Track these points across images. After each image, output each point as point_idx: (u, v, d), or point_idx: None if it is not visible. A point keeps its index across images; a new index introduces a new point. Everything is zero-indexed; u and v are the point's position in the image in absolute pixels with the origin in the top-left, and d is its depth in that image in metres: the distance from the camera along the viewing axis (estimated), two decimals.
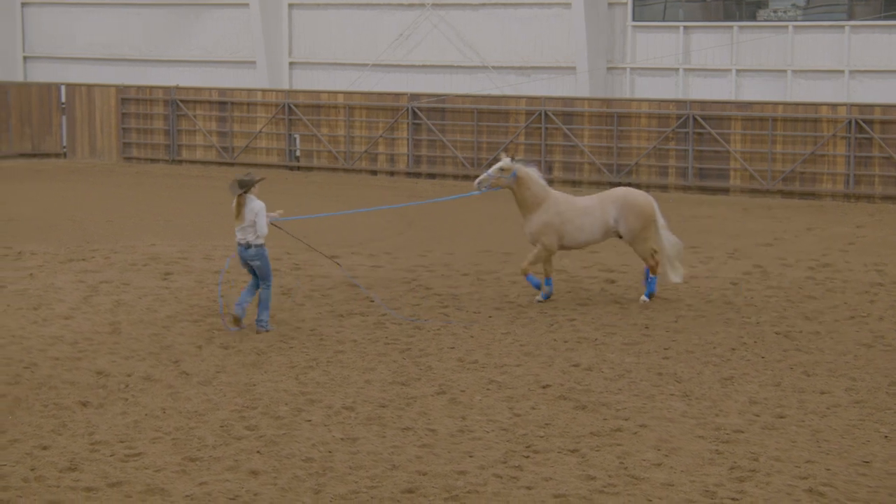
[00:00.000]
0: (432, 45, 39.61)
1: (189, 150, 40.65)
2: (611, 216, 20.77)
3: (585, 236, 20.87)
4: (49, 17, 46.03)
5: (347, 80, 40.41)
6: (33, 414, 14.55)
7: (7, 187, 35.36)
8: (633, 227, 20.71)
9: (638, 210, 20.77)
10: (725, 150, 33.65)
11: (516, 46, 38.42)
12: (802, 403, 15.18)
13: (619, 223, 20.75)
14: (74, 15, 45.56)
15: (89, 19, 45.26)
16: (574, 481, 12.50)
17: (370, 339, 18.23)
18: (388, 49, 40.08)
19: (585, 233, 20.83)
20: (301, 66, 42.05)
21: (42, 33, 46.24)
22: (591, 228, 20.79)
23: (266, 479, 12.53)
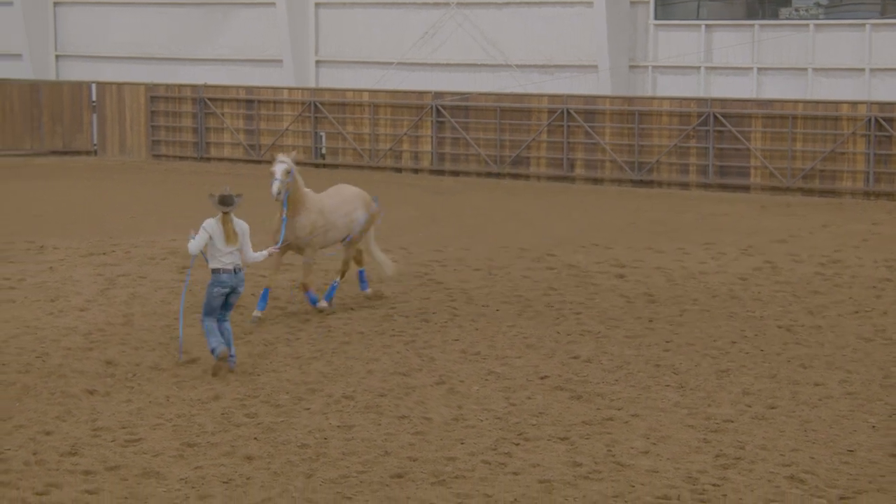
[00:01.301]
0: (457, 43, 39.90)
1: (217, 147, 41.10)
2: (359, 214, 20.25)
3: (338, 236, 19.99)
4: (81, 16, 46.59)
5: (373, 78, 40.74)
6: (40, 401, 14.93)
7: (37, 184, 35.90)
8: (365, 226, 20.28)
9: (369, 208, 20.52)
10: (746, 148, 33.78)
11: (539, 45, 38.64)
12: (795, 395, 15.39)
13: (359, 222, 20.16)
14: (106, 14, 46.09)
15: (120, 18, 45.78)
16: (560, 467, 12.77)
17: (377, 331, 18.55)
18: (413, 48, 40.39)
19: (340, 232, 19.98)
20: (327, 65, 42.42)
21: (74, 32, 46.81)
22: (345, 228, 20.01)
23: (260, 463, 12.87)
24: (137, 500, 11.85)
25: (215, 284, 16.17)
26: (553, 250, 25.07)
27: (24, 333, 18.17)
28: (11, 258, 24.03)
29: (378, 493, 12.05)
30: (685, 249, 25.25)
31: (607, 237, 26.66)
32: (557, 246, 25.57)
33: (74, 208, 30.87)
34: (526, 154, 36.52)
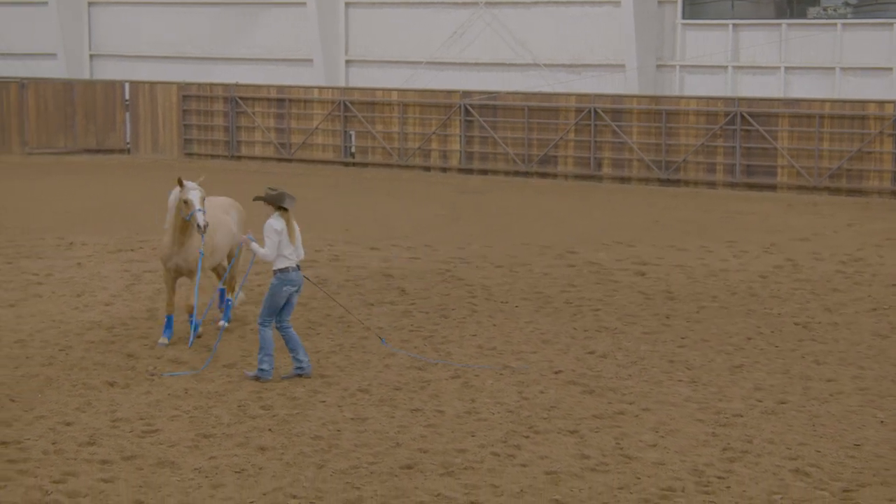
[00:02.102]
0: (485, 43, 40.09)
1: (248, 146, 41.43)
2: (234, 224, 18.86)
3: (223, 254, 18.61)
4: (115, 16, 47.02)
5: (402, 77, 40.98)
6: (62, 393, 15.21)
7: (70, 181, 36.31)
8: (238, 238, 18.55)
9: (240, 214, 19.23)
10: (773, 148, 33.84)
11: (567, 44, 38.79)
12: (806, 390, 15.51)
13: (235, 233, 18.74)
14: (139, 14, 46.51)
15: (153, 18, 46.19)
16: (568, 460, 12.95)
17: (396, 326, 18.77)
18: (442, 47, 40.60)
19: (225, 250, 18.59)
20: (357, 64, 42.68)
21: (108, 32, 47.24)
22: (227, 245, 18.62)
23: (273, 454, 13.10)
24: (151, 488, 12.10)
25: (284, 283, 15.89)
26: (575, 248, 25.23)
27: (49, 327, 18.48)
28: (41, 254, 24.37)
29: (387, 484, 12.26)
30: (708, 247, 25.36)
31: (630, 235, 26.80)
32: (580, 244, 25.73)
33: (105, 206, 31.22)
34: (553, 153, 36.67)
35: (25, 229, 27.21)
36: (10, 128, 43.08)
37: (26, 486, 12.06)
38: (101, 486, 12.14)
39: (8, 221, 28.28)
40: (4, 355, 16.92)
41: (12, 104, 43.02)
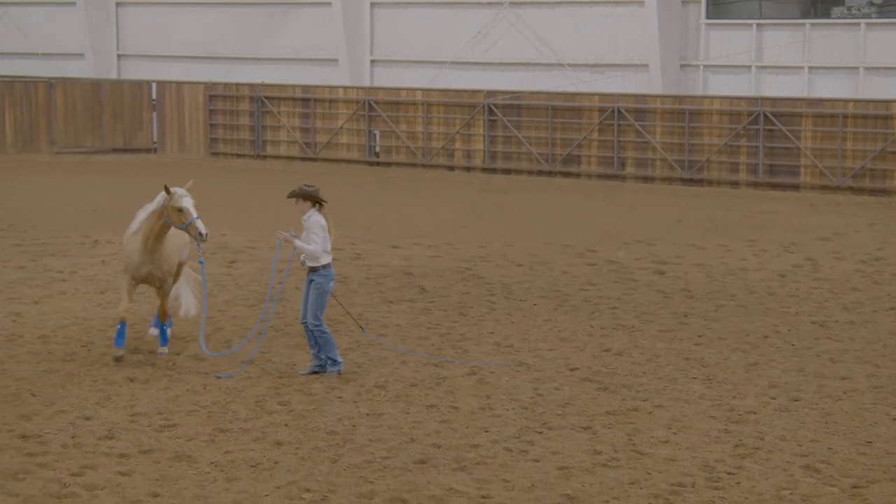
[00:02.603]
0: (509, 43, 40.21)
1: (273, 145, 41.68)
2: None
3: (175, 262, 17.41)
4: (142, 16, 47.37)
5: (426, 77, 41.14)
6: (82, 388, 15.41)
7: (96, 180, 36.61)
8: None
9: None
10: (796, 147, 33.86)
11: (591, 44, 38.88)
12: (821, 388, 15.58)
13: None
14: (166, 15, 46.84)
15: (180, 19, 46.51)
16: (580, 455, 13.07)
17: (413, 323, 18.91)
18: (466, 47, 40.74)
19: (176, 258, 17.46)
20: (382, 64, 42.87)
21: (135, 32, 47.59)
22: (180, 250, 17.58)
23: (288, 449, 13.26)
24: (168, 481, 12.27)
25: (331, 279, 16.03)
26: (596, 247, 25.34)
27: (72, 324, 18.70)
28: (66, 252, 24.63)
29: (399, 478, 12.40)
30: (728, 247, 25.43)
31: (651, 234, 26.89)
32: (601, 243, 25.84)
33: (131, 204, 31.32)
34: (577, 153, 36.78)
35: (51, 227, 27.49)
36: (38, 127, 43.43)
37: (45, 479, 12.25)
38: (118, 479, 12.31)
39: (35, 220, 28.56)
40: (27, 351, 17.13)
41: (41, 104, 43.37)
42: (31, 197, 32.59)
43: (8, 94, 43.22)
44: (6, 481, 12.17)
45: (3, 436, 13.53)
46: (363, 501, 11.82)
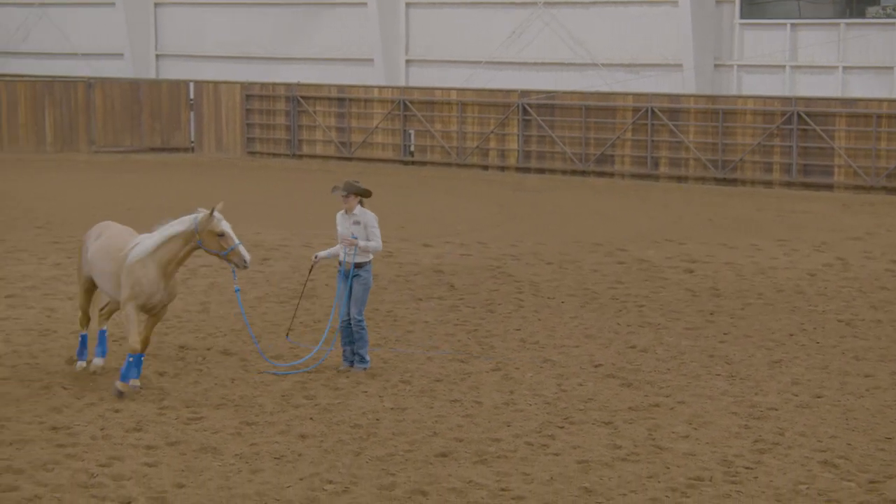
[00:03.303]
0: (543, 43, 40.32)
1: (309, 144, 41.95)
2: None
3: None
4: (180, 16, 47.75)
5: (461, 77, 41.31)
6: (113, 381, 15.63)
7: (134, 179, 36.97)
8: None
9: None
10: (830, 147, 33.83)
11: (625, 44, 38.94)
12: (843, 385, 15.66)
13: None
14: (204, 15, 47.20)
15: (218, 19, 46.85)
16: (600, 449, 13.21)
17: (441, 320, 19.09)
18: (501, 47, 40.88)
19: None
20: (417, 64, 43.07)
21: (173, 32, 47.98)
22: None
23: (312, 441, 13.46)
24: (193, 472, 12.49)
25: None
26: (626, 245, 25.44)
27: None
28: None
29: (421, 471, 12.58)
30: (758, 246, 25.48)
31: (682, 233, 26.98)
32: (631, 241, 25.94)
33: (167, 203, 31.73)
34: (611, 152, 36.85)
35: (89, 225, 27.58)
36: (77, 127, 43.86)
37: (73, 469, 12.50)
38: (144, 469, 12.55)
39: (72, 218, 28.88)
40: (61, 346, 17.42)
41: (80, 104, 43.79)
42: (68, 195, 32.98)
43: (48, 94, 43.67)
44: (35, 471, 12.44)
45: (33, 427, 13.80)
46: (384, 493, 12.01)
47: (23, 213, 29.55)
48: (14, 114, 43.75)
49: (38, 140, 43.74)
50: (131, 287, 15.09)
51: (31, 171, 38.68)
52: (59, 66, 48.61)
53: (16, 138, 43.71)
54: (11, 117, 43.74)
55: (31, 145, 43.66)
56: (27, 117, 43.77)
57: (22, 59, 50.31)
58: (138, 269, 15.12)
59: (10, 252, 24.39)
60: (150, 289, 15.13)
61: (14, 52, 50.43)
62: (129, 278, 15.12)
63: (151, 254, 15.19)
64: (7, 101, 43.72)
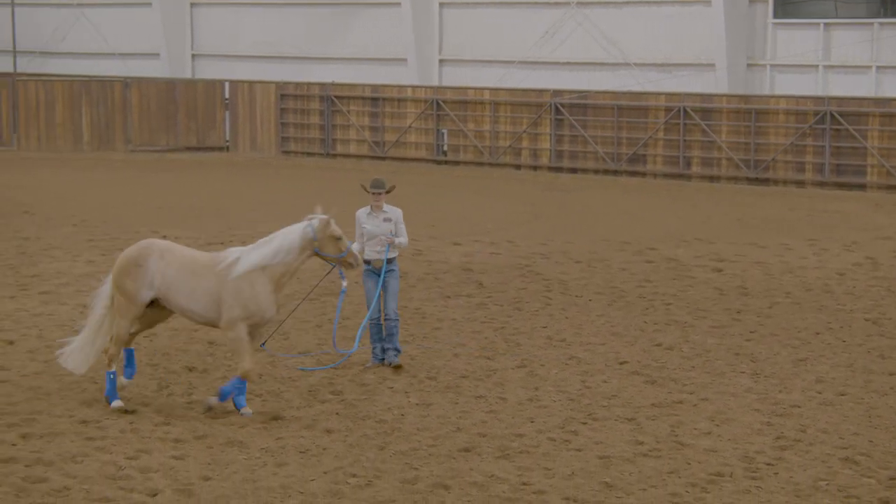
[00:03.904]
0: (576, 42, 40.41)
1: (343, 144, 42.18)
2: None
3: None
4: (216, 16, 48.09)
5: (494, 76, 41.45)
6: (142, 376, 15.84)
7: (169, 178, 37.28)
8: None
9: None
10: (863, 147, 33.78)
11: (658, 43, 38.99)
12: (868, 383, 15.71)
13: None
14: (239, 15, 47.52)
15: (253, 19, 47.17)
16: (622, 445, 13.32)
17: (469, 318, 19.23)
18: (534, 47, 41.00)
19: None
20: (450, 64, 43.24)
21: (209, 32, 48.32)
22: None
23: (338, 436, 13.62)
24: (219, 465, 12.67)
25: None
26: (655, 244, 25.51)
27: None
28: None
29: (444, 465, 12.72)
30: (788, 245, 25.50)
31: (712, 233, 27.03)
32: (660, 240, 26.01)
33: (201, 202, 32.07)
34: (643, 152, 36.92)
35: (123, 224, 28.09)
36: (114, 126, 44.25)
37: (102, 462, 12.70)
38: (171, 462, 12.74)
39: (107, 216, 29.20)
40: None
41: (116, 103, 44.19)
42: (104, 194, 33.30)
43: (85, 94, 44.09)
44: (65, 463, 12.64)
45: (64, 421, 14.01)
46: (406, 486, 12.16)
47: (59, 211, 29.87)
48: (52, 113, 44.17)
49: (75, 139, 44.17)
50: (243, 306, 14.25)
51: (68, 170, 39.07)
52: (97, 66, 49.06)
53: (53, 137, 44.14)
54: (49, 117, 44.16)
55: (68, 144, 44.09)
56: (65, 117, 44.20)
57: (60, 59, 50.78)
58: (248, 286, 14.29)
59: (45, 249, 24.67)
60: (266, 305, 14.38)
61: (52, 53, 50.90)
62: (239, 296, 14.27)
63: (262, 268, 14.36)
64: (45, 101, 44.15)
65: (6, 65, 48.83)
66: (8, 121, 44.46)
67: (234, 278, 14.25)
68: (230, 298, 14.26)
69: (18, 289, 21.01)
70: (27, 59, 49.57)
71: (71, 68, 49.40)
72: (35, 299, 20.25)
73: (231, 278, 14.26)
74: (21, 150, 44.04)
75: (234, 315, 14.26)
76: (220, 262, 14.38)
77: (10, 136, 44.48)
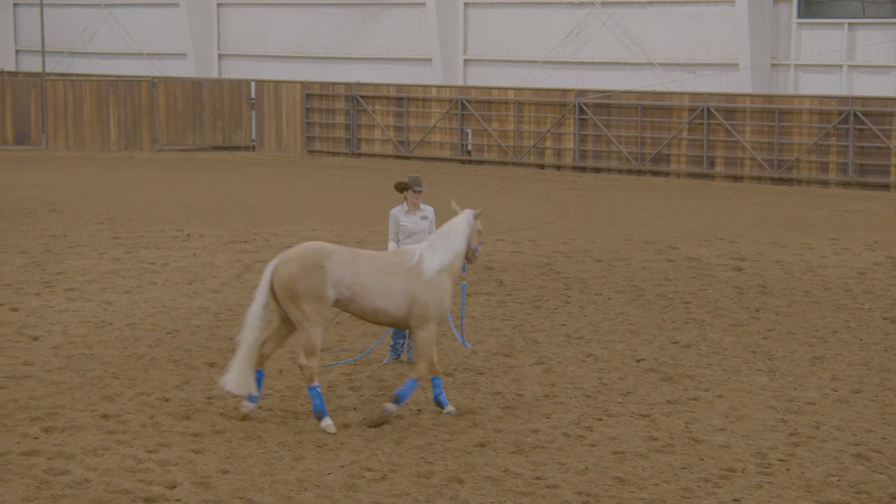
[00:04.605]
0: (600, 42, 40.54)
1: (367, 143, 42.40)
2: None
3: None
4: (242, 16, 48.40)
5: (518, 76, 41.61)
6: (164, 371, 16.06)
7: (195, 177, 37.56)
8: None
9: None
10: (886, 147, 33.79)
11: (682, 43, 39.09)
12: (883, 381, 15.78)
13: None
14: (265, 15, 47.81)
15: (279, 19, 47.46)
16: (636, 441, 13.44)
17: (488, 315, 19.37)
18: (558, 46, 41.13)
19: None
20: (474, 63, 43.41)
21: (235, 32, 48.63)
22: None
23: (354, 431, 13.78)
24: (237, 459, 12.84)
25: None
26: (677, 244, 25.60)
27: (159, 312, 19.41)
28: (159, 245, 25.42)
29: (459, 459, 12.86)
30: (810, 244, 25.56)
31: (734, 232, 27.10)
32: (682, 240, 26.09)
33: (226, 200, 32.30)
34: (666, 151, 37.01)
35: (148, 222, 28.35)
36: (141, 125, 44.58)
37: (122, 455, 12.88)
38: (190, 456, 12.92)
39: (132, 214, 29.46)
40: (115, 337, 17.85)
41: (143, 102, 44.52)
42: (130, 192, 33.58)
43: (113, 93, 44.44)
44: (86, 456, 12.82)
45: (85, 415, 14.21)
46: (421, 480, 12.30)
47: (85, 209, 30.15)
48: (80, 112, 44.55)
49: (102, 138, 44.52)
50: (438, 304, 14.19)
51: (95, 169, 39.41)
52: (124, 66, 49.45)
53: (81, 137, 44.51)
54: (77, 116, 44.54)
55: (95, 143, 44.44)
56: (92, 116, 44.56)
57: (88, 58, 51.20)
58: (439, 284, 14.24)
59: (70, 247, 24.92)
60: (450, 302, 14.38)
61: (81, 52, 51.33)
62: (434, 294, 14.17)
63: (447, 266, 14.40)
64: (73, 100, 44.52)
65: (35, 65, 49.28)
66: (36, 120, 44.82)
67: (428, 277, 14.17)
68: (426, 297, 14.15)
69: (44, 286, 21.25)
70: (56, 59, 49.99)
71: (99, 68, 49.82)
72: (60, 296, 20.48)
73: (425, 277, 14.18)
74: (49, 149, 44.43)
75: (431, 314, 14.20)
76: (408, 261, 14.26)
77: (39, 135, 44.85)
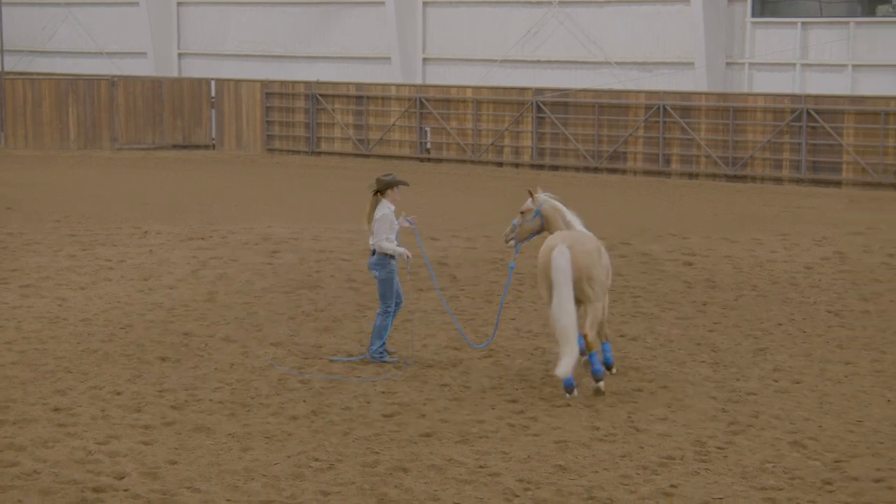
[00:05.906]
0: (558, 41, 40.85)
1: (327, 142, 42.58)
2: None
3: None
4: (202, 15, 48.48)
5: (476, 75, 41.88)
6: (116, 366, 16.24)
7: (154, 175, 37.67)
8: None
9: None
10: (839, 144, 34.22)
11: (638, 42, 39.44)
12: (823, 372, 16.12)
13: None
14: (225, 14, 47.91)
15: (239, 18, 47.57)
16: (579, 430, 13.72)
17: (440, 310, 19.59)
18: (516, 45, 41.42)
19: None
20: (433, 62, 43.65)
21: (195, 31, 48.70)
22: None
23: (303, 422, 14.01)
24: (186, 450, 13.05)
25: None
26: (630, 240, 25.90)
27: (113, 308, 19.57)
28: (116, 242, 25.55)
29: (405, 450, 13.11)
30: (760, 240, 25.91)
31: (687, 228, 27.43)
32: (636, 236, 26.40)
33: (185, 198, 32.43)
34: (623, 149, 37.35)
35: (105, 219, 28.46)
36: (100, 124, 44.61)
37: (72, 447, 13.07)
38: (140, 447, 13.12)
39: (90, 212, 29.55)
40: (69, 332, 18.00)
41: (103, 101, 44.55)
42: (89, 191, 33.67)
43: (72, 92, 44.44)
44: (36, 448, 13.01)
45: (37, 408, 14.38)
46: (367, 470, 12.54)
47: (43, 207, 30.23)
48: (39, 111, 44.53)
49: (62, 137, 44.54)
50: (603, 282, 15.47)
51: (55, 168, 39.46)
52: (85, 65, 49.45)
53: (41, 135, 44.51)
54: (36, 115, 44.52)
55: (55, 142, 44.45)
56: (52, 115, 44.55)
57: (48, 57, 51.17)
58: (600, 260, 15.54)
59: (26, 244, 25.03)
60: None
61: (41, 51, 51.27)
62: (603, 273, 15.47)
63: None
64: (32, 99, 44.51)
65: None
66: None
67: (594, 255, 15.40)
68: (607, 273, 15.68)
69: None
70: (15, 58, 49.90)
71: (58, 67, 49.81)
72: (15, 293, 20.61)
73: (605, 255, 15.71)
74: (8, 147, 44.41)
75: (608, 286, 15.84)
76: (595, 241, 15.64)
77: None
